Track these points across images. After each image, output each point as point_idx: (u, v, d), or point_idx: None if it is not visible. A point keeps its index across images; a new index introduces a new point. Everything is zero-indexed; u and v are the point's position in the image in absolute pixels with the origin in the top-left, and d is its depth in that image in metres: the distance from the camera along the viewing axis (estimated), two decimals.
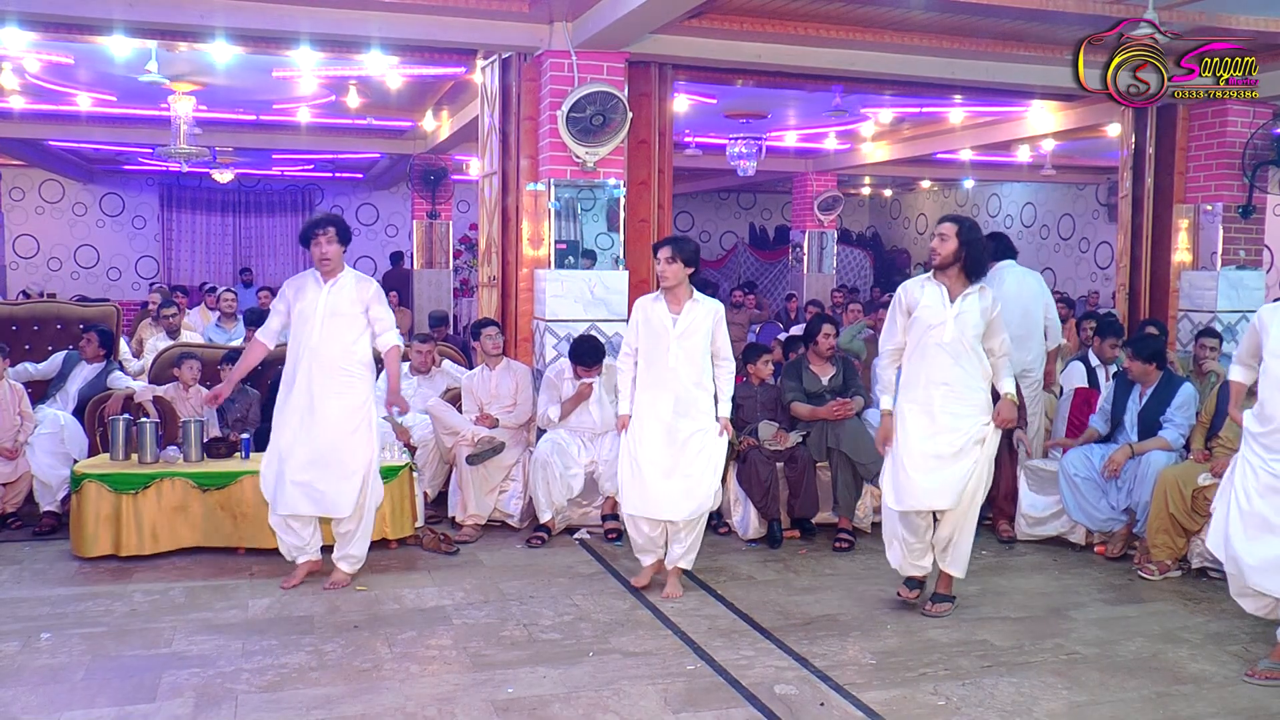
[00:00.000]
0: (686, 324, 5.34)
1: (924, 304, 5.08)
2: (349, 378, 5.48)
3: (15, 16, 6.86)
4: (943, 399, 5.01)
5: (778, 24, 7.40)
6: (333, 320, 5.47)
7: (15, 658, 4.53)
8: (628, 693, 4.22)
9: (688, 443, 5.37)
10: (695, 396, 5.37)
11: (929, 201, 21.43)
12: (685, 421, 5.36)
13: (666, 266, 5.34)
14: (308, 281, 5.59)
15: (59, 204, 18.97)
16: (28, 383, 7.07)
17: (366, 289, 5.61)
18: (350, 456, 5.48)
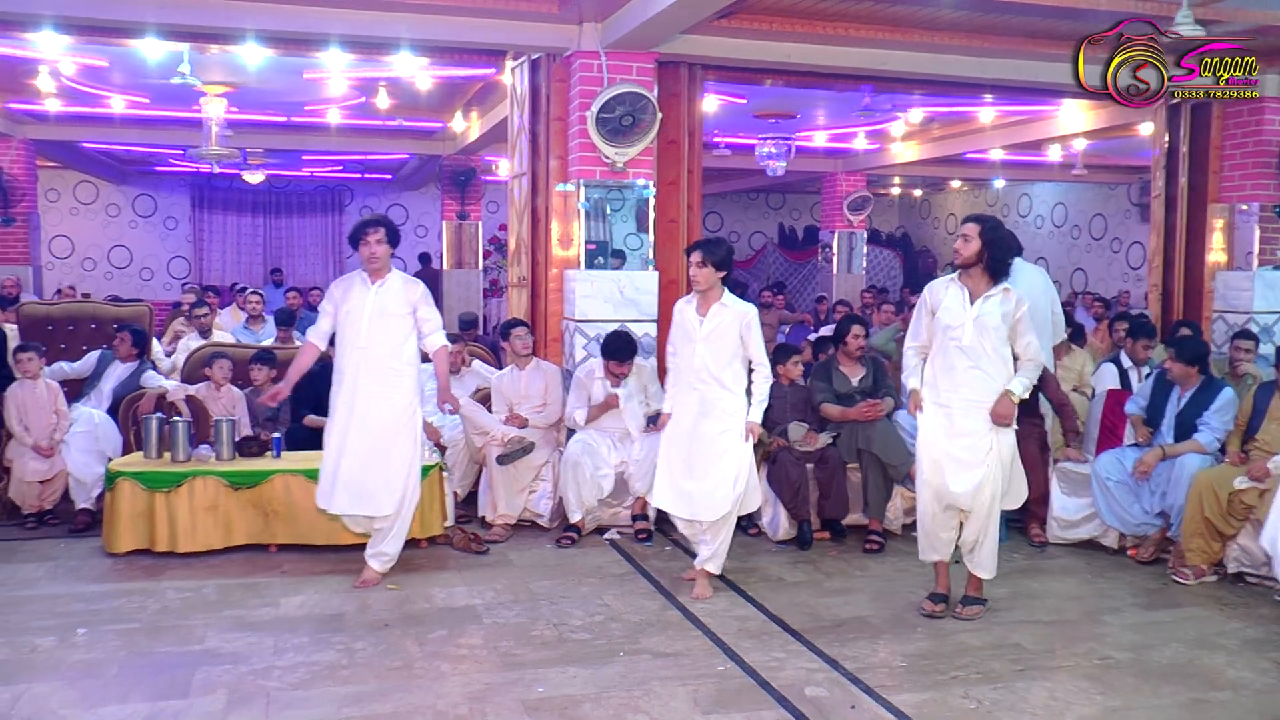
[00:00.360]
0: (712, 327, 5.36)
1: (945, 305, 5.06)
2: (396, 378, 5.52)
3: (51, 20, 6.93)
4: (962, 403, 4.99)
5: (807, 23, 7.38)
6: (380, 321, 5.51)
7: (52, 653, 4.58)
8: (658, 693, 4.22)
9: (711, 444, 5.37)
10: (720, 398, 5.36)
11: (959, 201, 21.31)
12: (709, 423, 5.37)
13: (698, 271, 5.37)
14: (355, 282, 5.63)
15: (93, 205, 19.19)
16: (63, 381, 7.14)
17: (414, 290, 5.63)
18: (395, 456, 5.52)
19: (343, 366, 5.58)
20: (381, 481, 5.50)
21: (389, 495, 5.52)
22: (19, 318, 8.17)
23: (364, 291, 5.56)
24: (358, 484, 5.50)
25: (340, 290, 5.67)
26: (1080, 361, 7.80)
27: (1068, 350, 7.77)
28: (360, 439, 5.49)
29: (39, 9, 6.63)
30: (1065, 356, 7.70)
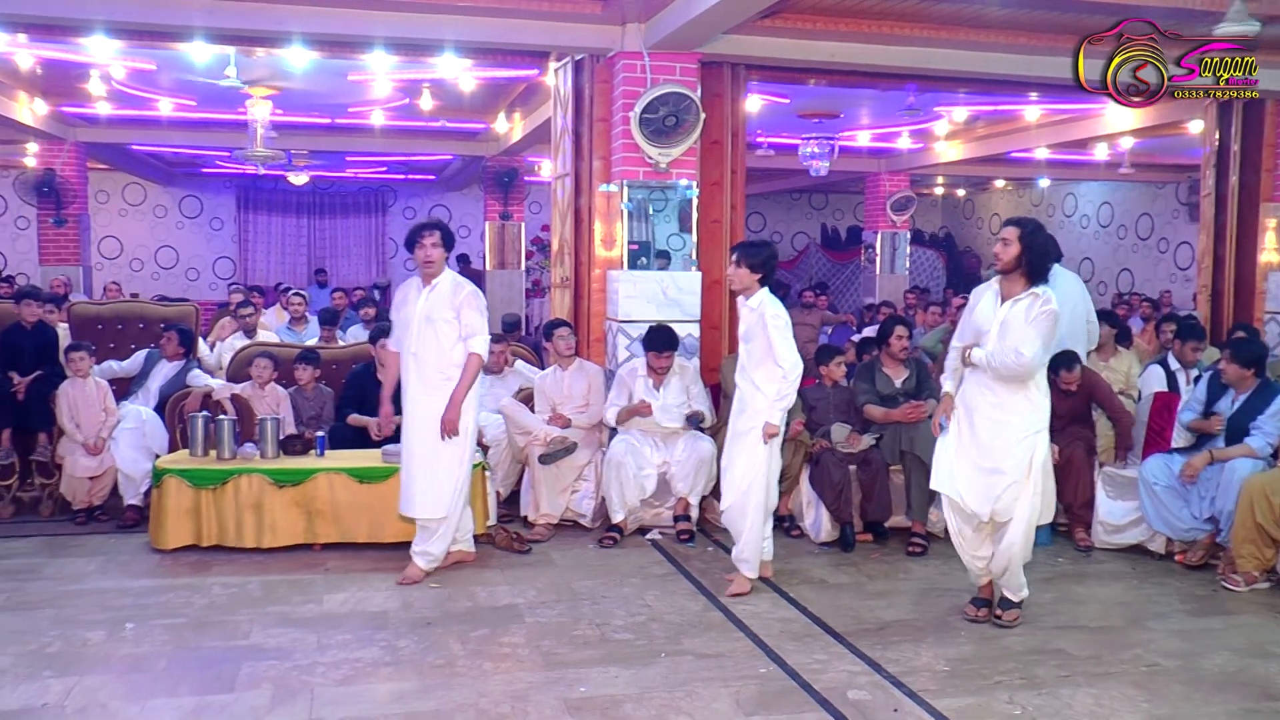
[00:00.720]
0: (744, 328, 5.48)
1: (979, 308, 5.02)
2: (445, 381, 5.55)
3: (103, 25, 7.04)
4: (988, 407, 4.92)
5: (851, 22, 7.34)
6: (428, 325, 5.56)
7: (102, 646, 4.65)
8: (700, 694, 4.21)
9: (739, 439, 5.48)
10: (753, 397, 5.43)
11: (1003, 201, 21.11)
12: (742, 419, 5.48)
13: (733, 271, 5.45)
14: (411, 286, 5.71)
15: (141, 206, 19.45)
16: (111, 379, 7.25)
17: (460, 293, 5.62)
18: (441, 460, 5.55)
19: (404, 370, 5.67)
20: (425, 485, 5.55)
21: (432, 499, 5.56)
22: (70, 317, 8.30)
23: (416, 296, 5.63)
24: (405, 486, 5.61)
25: (400, 294, 5.78)
26: (1126, 363, 7.69)
27: (1114, 352, 7.67)
28: (410, 442, 5.58)
29: (91, 14, 6.74)
30: (1112, 358, 7.61)
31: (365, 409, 6.99)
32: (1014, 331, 4.81)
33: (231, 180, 19.19)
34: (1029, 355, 4.76)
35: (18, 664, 4.43)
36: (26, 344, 7.22)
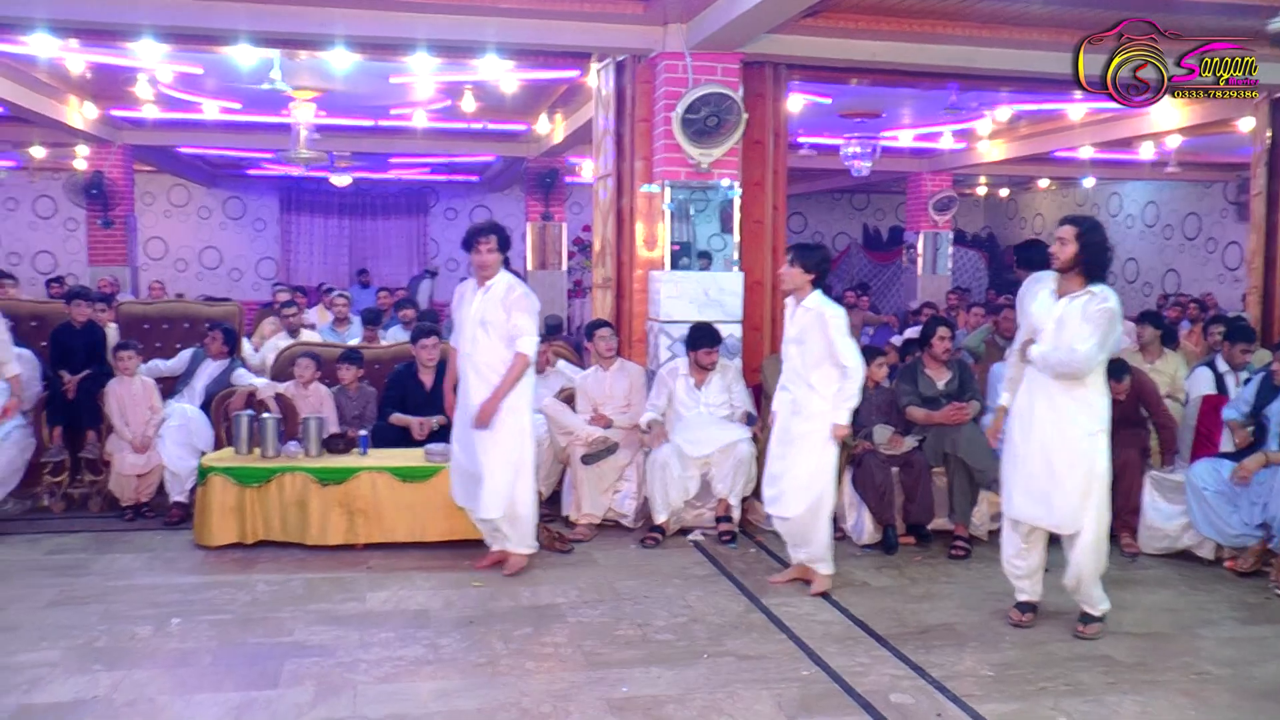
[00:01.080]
0: (797, 329, 5.44)
1: (1035, 305, 4.96)
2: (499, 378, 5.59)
3: (150, 29, 7.15)
4: (1044, 409, 4.84)
5: (894, 21, 7.30)
6: (482, 327, 5.61)
7: (149, 641, 4.71)
8: (742, 696, 4.19)
9: (797, 443, 5.44)
10: (808, 399, 5.42)
11: (1046, 201, 20.90)
12: (798, 421, 5.44)
13: (785, 270, 5.47)
14: (467, 288, 5.78)
15: (185, 208, 19.71)
16: (157, 378, 7.34)
17: (512, 293, 5.66)
18: (499, 459, 5.59)
19: (462, 371, 5.74)
20: (486, 482, 5.59)
21: (493, 497, 5.60)
22: (118, 316, 8.41)
23: (472, 297, 5.69)
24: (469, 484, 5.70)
25: (457, 295, 5.87)
26: (1173, 365, 7.58)
27: (1159, 354, 7.57)
28: (470, 441, 5.64)
29: (140, 19, 6.83)
30: (1157, 360, 7.50)
31: (407, 408, 7.03)
32: (1069, 328, 4.75)
33: (274, 182, 19.40)
34: (1083, 351, 4.69)
35: (68, 657, 4.49)
36: (76, 343, 7.34)
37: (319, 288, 15.38)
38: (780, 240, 7.87)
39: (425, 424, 6.90)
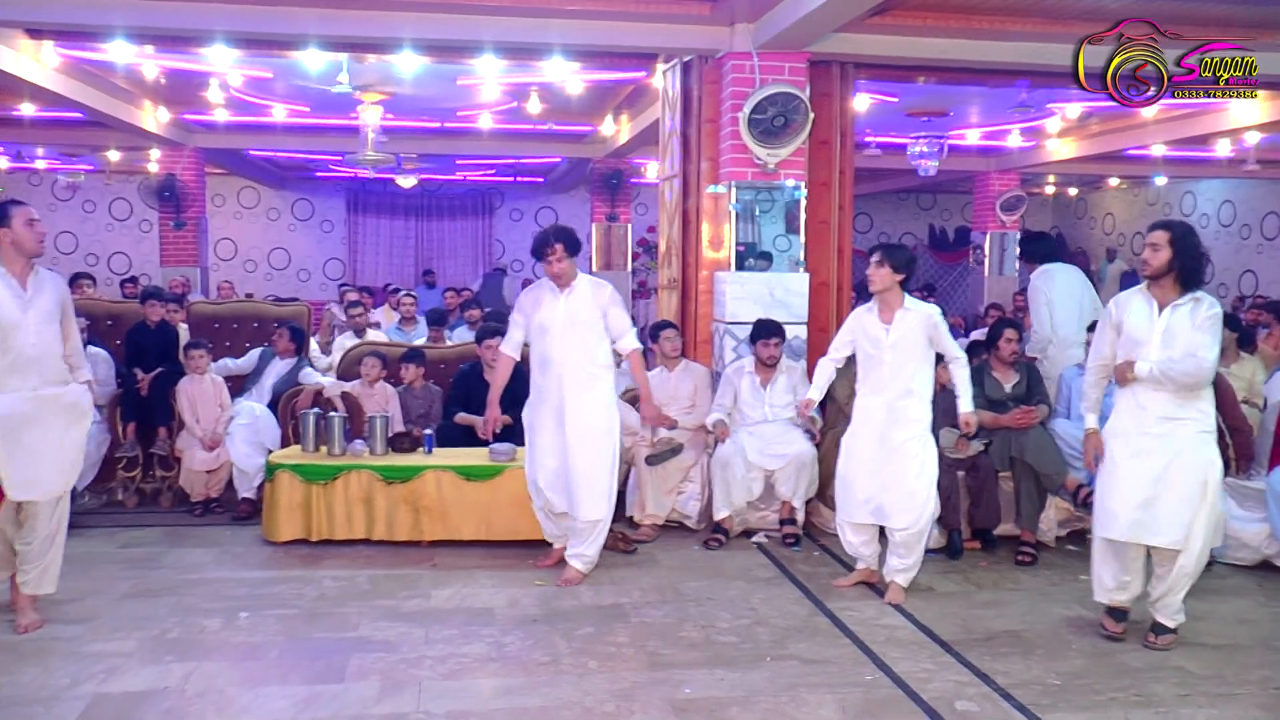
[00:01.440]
0: (899, 334, 5.33)
1: (1131, 318, 4.73)
2: (593, 382, 5.59)
3: (223, 35, 7.28)
4: (1155, 422, 4.65)
5: (962, 18, 7.21)
6: (573, 329, 5.57)
7: (218, 634, 4.79)
8: (805, 700, 4.15)
9: (900, 450, 5.33)
10: (906, 405, 5.34)
11: (1117, 201, 20.50)
12: (897, 429, 5.34)
13: (875, 270, 5.36)
14: (544, 293, 5.67)
15: (254, 209, 20.07)
16: (226, 377, 7.48)
17: (602, 293, 5.64)
18: (598, 461, 5.56)
19: (542, 376, 5.66)
20: (586, 484, 5.55)
21: (595, 500, 5.56)
22: (189, 316, 8.57)
23: (554, 300, 5.61)
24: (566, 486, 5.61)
25: (530, 301, 5.74)
26: (1250, 370, 7.36)
27: (1236, 357, 7.36)
28: (565, 445, 5.57)
29: (212, 25, 6.95)
30: (1234, 364, 7.30)
31: (472, 408, 7.07)
32: (1181, 338, 4.58)
33: (342, 183, 19.67)
34: (1209, 359, 4.54)
35: (142, 648, 4.59)
36: (150, 342, 7.50)
37: (385, 288, 15.56)
38: (846, 241, 7.80)
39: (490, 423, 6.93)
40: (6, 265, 4.67)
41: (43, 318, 4.71)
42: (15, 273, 4.68)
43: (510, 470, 6.22)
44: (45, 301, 4.73)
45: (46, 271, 4.89)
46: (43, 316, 4.71)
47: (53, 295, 4.78)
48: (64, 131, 13.10)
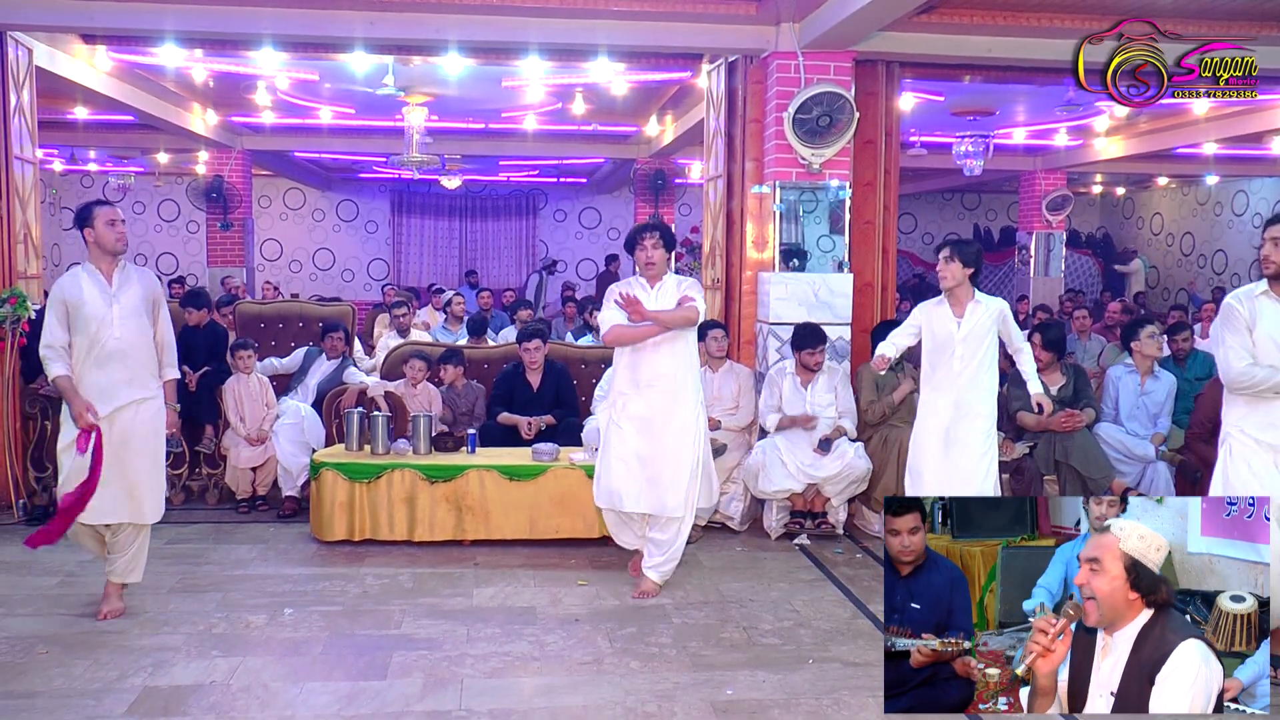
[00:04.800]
0: (970, 327, 5.31)
1: (1262, 325, 4.35)
2: (691, 377, 5.48)
3: (270, 39, 7.36)
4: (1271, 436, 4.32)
5: (1009, 16, 7.11)
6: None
7: (263, 629, 4.84)
8: (848, 703, 4.13)
9: (961, 445, 5.31)
10: (973, 399, 5.31)
11: (1166, 200, 20.20)
12: (964, 425, 5.31)
13: (945, 266, 5.34)
14: (634, 286, 5.50)
15: (300, 210, 20.27)
16: (272, 376, 7.55)
17: (682, 286, 5.49)
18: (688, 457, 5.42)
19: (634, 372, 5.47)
20: (673, 485, 5.40)
21: (676, 497, 5.40)
22: (236, 315, 8.67)
23: (646, 295, 5.43)
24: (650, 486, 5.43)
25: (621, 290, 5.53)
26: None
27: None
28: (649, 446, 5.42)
29: (261, 29, 7.02)
30: None
31: (514, 408, 7.11)
32: None
33: (386, 184, 19.83)
34: None
35: (189, 642, 4.64)
36: (198, 341, 7.58)
37: (429, 288, 15.67)
38: (890, 241, 7.74)
39: (534, 423, 6.96)
40: (94, 261, 4.90)
41: (128, 312, 4.85)
42: (102, 269, 4.89)
43: (553, 470, 6.23)
44: (131, 296, 4.88)
45: (136, 268, 5.04)
46: (128, 311, 4.85)
47: (140, 290, 4.92)
48: (115, 134, 13.32)
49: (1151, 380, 6.81)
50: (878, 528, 6.65)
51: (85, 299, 4.81)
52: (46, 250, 18.11)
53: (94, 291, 4.83)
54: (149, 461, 4.94)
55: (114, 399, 4.82)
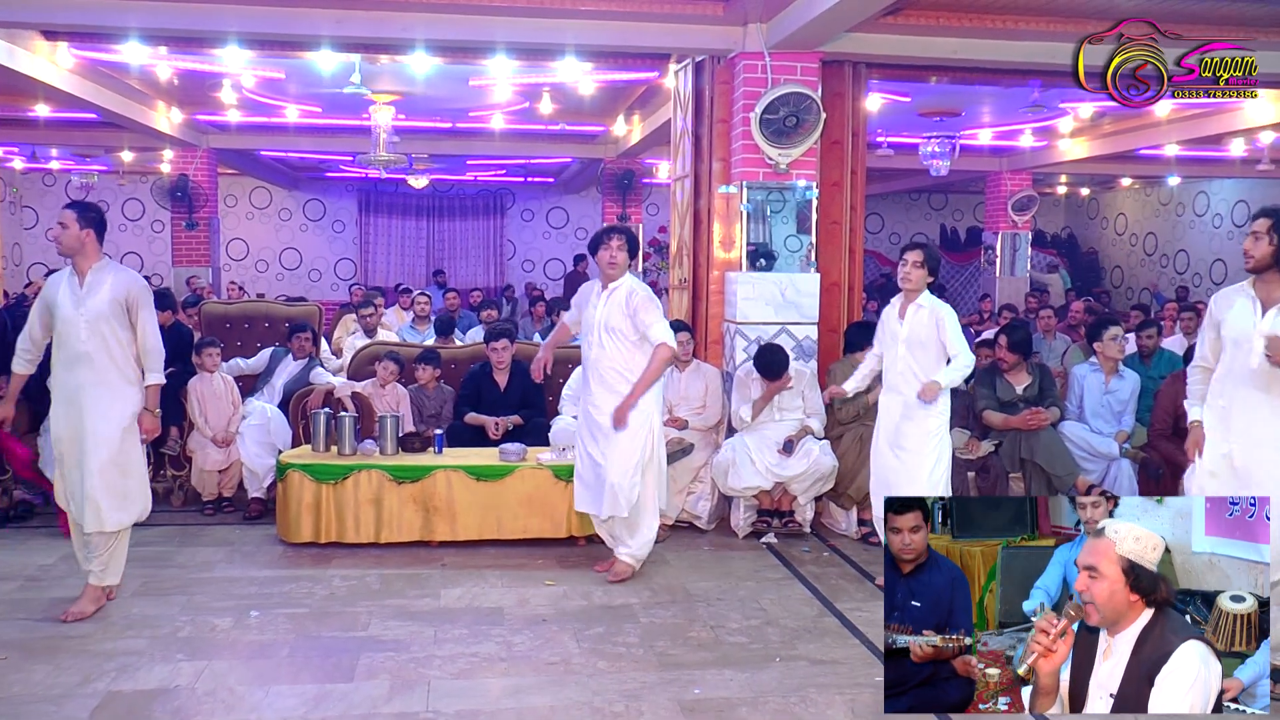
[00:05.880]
0: (911, 328, 5.38)
1: (1231, 319, 4.34)
2: (627, 385, 5.52)
3: (236, 36, 7.30)
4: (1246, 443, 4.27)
5: (975, 18, 7.18)
6: (608, 333, 5.53)
7: (229, 632, 4.80)
8: (815, 701, 4.15)
9: (910, 447, 5.40)
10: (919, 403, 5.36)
11: (1129, 201, 20.43)
12: (909, 425, 5.39)
13: (913, 271, 5.43)
14: (593, 289, 5.68)
15: (266, 210, 20.13)
16: (237, 377, 7.49)
17: (633, 298, 5.55)
18: (623, 459, 5.50)
19: (586, 372, 5.70)
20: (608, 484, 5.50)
21: (614, 497, 5.50)
22: (201, 316, 8.59)
23: (596, 300, 5.61)
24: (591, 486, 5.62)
25: (581, 295, 5.81)
26: None
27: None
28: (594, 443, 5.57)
29: (226, 26, 6.96)
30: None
31: (482, 408, 7.09)
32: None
33: (353, 184, 19.73)
34: None
35: (153, 646, 4.60)
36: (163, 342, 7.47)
37: (396, 288, 15.61)
38: (857, 241, 7.78)
39: (500, 423, 6.95)
40: (75, 262, 4.90)
41: (94, 315, 4.82)
42: (78, 269, 4.89)
43: (520, 470, 6.22)
44: (99, 300, 4.83)
45: (117, 269, 5.01)
46: (94, 314, 4.82)
47: (112, 292, 4.88)
48: (78, 132, 13.18)
49: (1116, 379, 6.89)
50: (845, 525, 6.69)
51: (58, 300, 4.83)
52: (7, 249, 17.98)
53: (66, 293, 4.84)
54: (113, 469, 4.86)
55: (76, 402, 4.78)
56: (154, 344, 5.02)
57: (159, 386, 5.06)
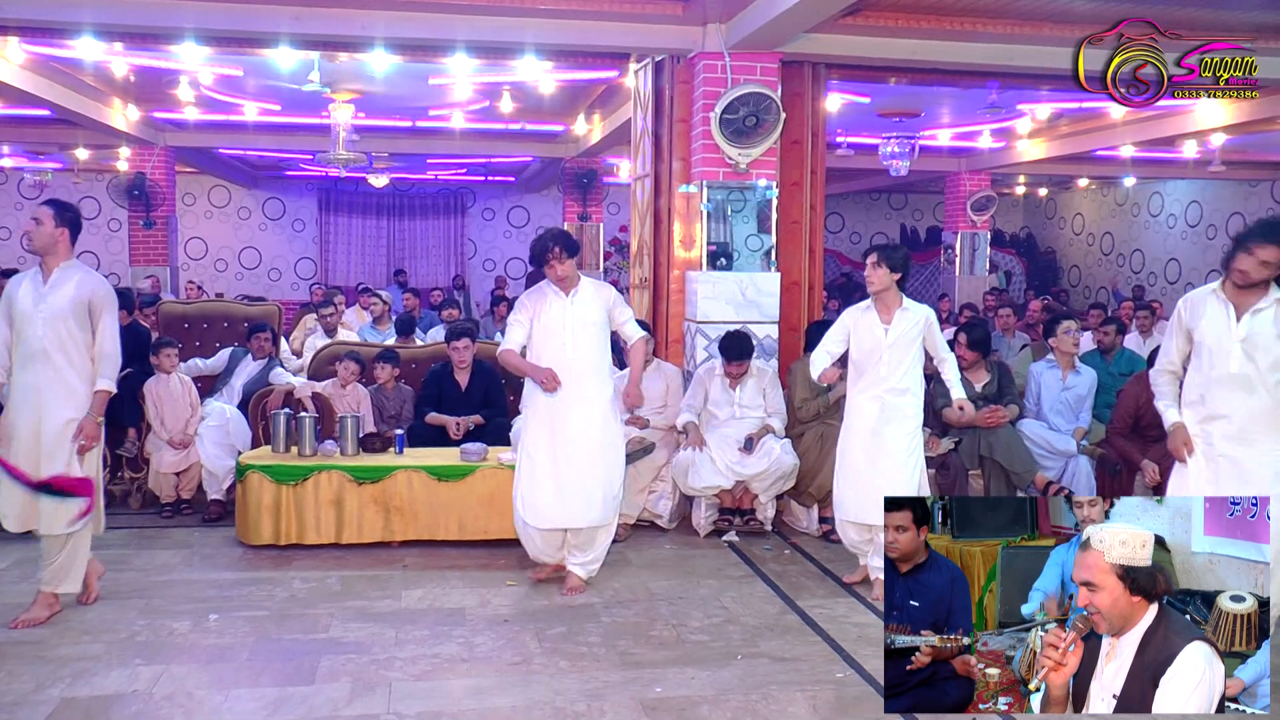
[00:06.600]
0: (898, 334, 5.33)
1: (1205, 324, 4.38)
2: (603, 383, 5.49)
3: (193, 33, 7.21)
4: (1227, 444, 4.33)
5: (933, 19, 7.24)
6: (583, 330, 5.42)
7: (187, 636, 4.76)
8: (776, 698, 4.17)
9: (889, 448, 5.34)
10: (900, 403, 5.34)
11: (1086, 201, 20.69)
12: (890, 427, 5.34)
13: (872, 271, 5.36)
14: (547, 294, 5.47)
15: (225, 208, 19.93)
16: (196, 377, 7.41)
17: (607, 294, 5.55)
18: (614, 463, 5.49)
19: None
20: (598, 493, 5.42)
21: (595, 508, 5.42)
22: (159, 316, 8.50)
23: (561, 303, 5.43)
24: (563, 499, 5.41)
25: (532, 302, 5.51)
26: None
27: None
28: (565, 452, 5.39)
29: (183, 22, 6.88)
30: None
31: (443, 408, 7.07)
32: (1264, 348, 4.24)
33: (313, 183, 19.58)
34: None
35: (110, 650, 4.55)
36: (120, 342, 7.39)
37: (357, 288, 15.51)
38: (817, 241, 7.82)
39: (461, 423, 6.93)
40: (44, 260, 4.90)
41: (53, 313, 4.78)
42: (44, 267, 4.89)
43: (481, 470, 6.21)
44: (60, 298, 4.81)
45: (84, 270, 4.98)
46: (53, 312, 4.78)
47: (73, 293, 4.84)
48: (30, 129, 12.98)
49: (1073, 375, 6.97)
50: (806, 524, 6.73)
51: (17, 296, 4.82)
52: None
53: (27, 289, 4.83)
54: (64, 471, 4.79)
55: (29, 402, 4.73)
56: (111, 349, 4.95)
57: (108, 394, 4.94)
